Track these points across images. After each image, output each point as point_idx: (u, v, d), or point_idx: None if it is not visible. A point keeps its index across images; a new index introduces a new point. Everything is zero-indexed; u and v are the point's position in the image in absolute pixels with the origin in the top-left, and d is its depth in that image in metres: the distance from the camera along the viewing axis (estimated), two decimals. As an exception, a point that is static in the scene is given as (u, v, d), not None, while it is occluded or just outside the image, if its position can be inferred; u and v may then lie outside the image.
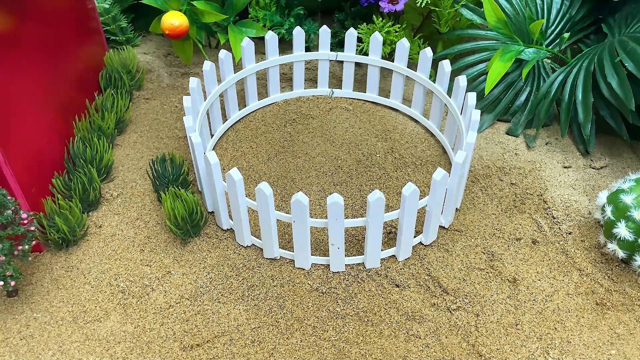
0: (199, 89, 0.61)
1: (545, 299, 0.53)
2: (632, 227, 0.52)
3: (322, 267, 0.56)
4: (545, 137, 0.71)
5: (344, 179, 0.65)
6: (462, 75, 0.63)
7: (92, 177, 0.60)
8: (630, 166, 0.68)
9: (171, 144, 0.70)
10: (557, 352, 0.49)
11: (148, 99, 0.77)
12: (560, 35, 0.75)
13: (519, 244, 0.58)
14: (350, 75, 0.75)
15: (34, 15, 0.58)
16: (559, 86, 0.70)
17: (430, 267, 0.56)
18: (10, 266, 0.49)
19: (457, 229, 0.59)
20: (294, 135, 0.70)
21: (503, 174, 0.66)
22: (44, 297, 0.53)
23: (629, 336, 0.50)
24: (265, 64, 0.71)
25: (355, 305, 0.53)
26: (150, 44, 0.87)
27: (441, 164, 0.67)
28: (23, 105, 0.55)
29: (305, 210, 0.49)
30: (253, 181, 0.65)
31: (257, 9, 0.80)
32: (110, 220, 0.60)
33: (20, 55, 0.55)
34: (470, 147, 0.56)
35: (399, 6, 0.74)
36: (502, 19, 0.69)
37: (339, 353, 0.49)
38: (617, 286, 0.54)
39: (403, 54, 0.69)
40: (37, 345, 0.49)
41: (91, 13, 0.73)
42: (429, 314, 0.52)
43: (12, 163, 0.52)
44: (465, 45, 0.76)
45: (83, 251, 0.57)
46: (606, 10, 0.75)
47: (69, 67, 0.66)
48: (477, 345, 0.49)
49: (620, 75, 0.63)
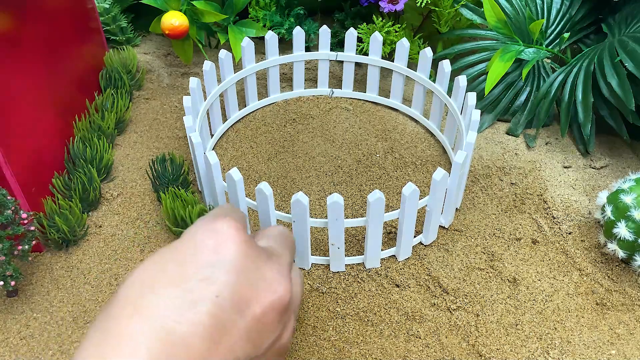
0: (199, 89, 0.61)
1: (545, 299, 0.53)
2: (632, 227, 0.52)
3: (322, 267, 0.56)
4: (545, 137, 0.71)
5: (344, 179, 0.65)
6: (462, 75, 0.63)
7: (92, 177, 0.60)
8: (630, 166, 0.68)
9: (171, 144, 0.70)
10: (557, 352, 0.49)
11: (148, 99, 0.77)
12: (560, 35, 0.75)
13: (519, 244, 0.58)
14: (350, 75, 0.75)
15: (34, 15, 0.58)
16: (559, 86, 0.70)
17: (430, 267, 0.56)
18: (10, 266, 0.49)
19: (457, 229, 0.59)
20: (294, 135, 0.70)
21: (503, 174, 0.66)
22: (44, 297, 0.53)
23: (629, 336, 0.50)
24: (265, 64, 0.71)
25: (355, 305, 0.53)
26: (150, 44, 0.87)
27: (441, 164, 0.67)
28: (23, 105, 0.55)
29: (305, 210, 0.49)
30: (253, 181, 0.65)
31: (257, 9, 0.80)
32: (110, 220, 0.60)
33: (20, 55, 0.55)
34: (470, 147, 0.56)
35: (399, 6, 0.74)
36: (502, 19, 0.70)
37: (338, 353, 0.49)
38: (617, 286, 0.54)
39: (403, 54, 0.69)
40: (37, 345, 0.49)
41: (91, 13, 0.73)
42: (429, 314, 0.52)
43: (12, 163, 0.52)
44: (465, 45, 0.76)
45: (83, 251, 0.57)
46: (606, 10, 0.75)
47: (69, 67, 0.66)
48: (477, 345, 0.49)
49: (620, 75, 0.63)
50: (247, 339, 0.33)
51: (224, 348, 0.32)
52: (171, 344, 0.30)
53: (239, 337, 0.32)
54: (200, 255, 0.34)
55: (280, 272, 0.36)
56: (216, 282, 0.33)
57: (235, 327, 0.32)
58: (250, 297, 0.34)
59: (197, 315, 0.31)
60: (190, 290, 0.32)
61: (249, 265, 0.34)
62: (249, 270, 0.34)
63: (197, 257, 0.34)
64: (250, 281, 0.34)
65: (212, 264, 0.33)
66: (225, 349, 0.32)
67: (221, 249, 0.34)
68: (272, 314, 0.35)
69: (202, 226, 0.35)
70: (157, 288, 0.32)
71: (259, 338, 0.34)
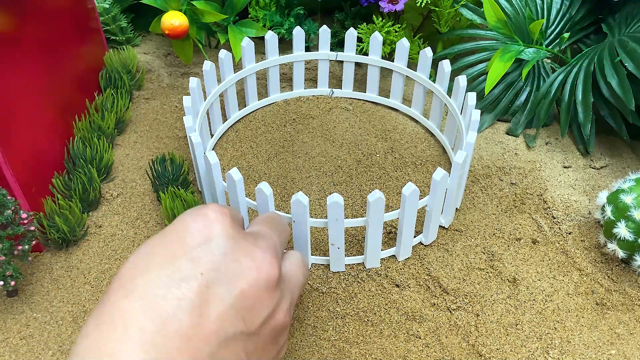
0: (199, 89, 0.61)
1: (545, 299, 0.53)
2: (632, 227, 0.52)
3: (322, 267, 0.56)
4: (545, 137, 0.71)
5: (344, 179, 0.65)
6: (462, 75, 0.63)
7: (92, 177, 0.60)
8: (630, 166, 0.68)
9: (171, 144, 0.70)
10: (557, 352, 0.49)
11: (148, 99, 0.77)
12: (560, 35, 0.75)
13: (519, 244, 0.58)
14: (350, 75, 0.75)
15: (34, 15, 0.58)
16: (559, 86, 0.70)
17: (430, 267, 0.56)
18: (10, 266, 0.49)
19: (457, 229, 0.59)
20: (294, 135, 0.70)
21: (503, 174, 0.66)
22: (44, 297, 0.53)
23: (629, 336, 0.50)
24: (265, 64, 0.71)
25: (355, 305, 0.53)
26: (150, 44, 0.87)
27: (441, 164, 0.67)
28: (23, 105, 0.55)
29: (305, 210, 0.49)
30: (253, 181, 0.65)
31: (257, 8, 0.80)
32: (110, 220, 0.60)
33: (20, 55, 0.55)
34: (470, 147, 0.56)
35: (399, 6, 0.74)
36: (502, 19, 0.70)
37: (338, 353, 0.49)
38: (617, 286, 0.54)
39: (403, 54, 0.69)
40: (37, 345, 0.49)
41: (91, 13, 0.73)
42: (429, 314, 0.52)
43: (12, 163, 0.52)
44: (465, 45, 0.76)
45: (83, 251, 0.57)
46: (606, 10, 0.75)
47: (69, 67, 0.66)
48: (477, 345, 0.49)
49: (620, 75, 0.63)
50: (235, 314, 0.34)
51: (212, 323, 0.33)
52: (161, 321, 0.31)
53: (226, 312, 0.34)
54: (188, 238, 0.35)
55: (266, 250, 0.38)
56: (202, 262, 0.34)
57: (221, 302, 0.34)
58: (237, 275, 0.35)
59: (182, 291, 0.33)
60: (178, 269, 0.34)
61: (234, 246, 0.36)
62: (234, 250, 0.36)
63: (186, 240, 0.35)
64: (236, 260, 0.36)
65: (199, 245, 0.35)
66: (213, 323, 0.33)
67: (208, 231, 0.36)
68: (259, 290, 0.36)
69: (191, 212, 0.37)
70: (148, 270, 0.34)
71: (248, 314, 0.35)
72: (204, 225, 0.36)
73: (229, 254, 0.36)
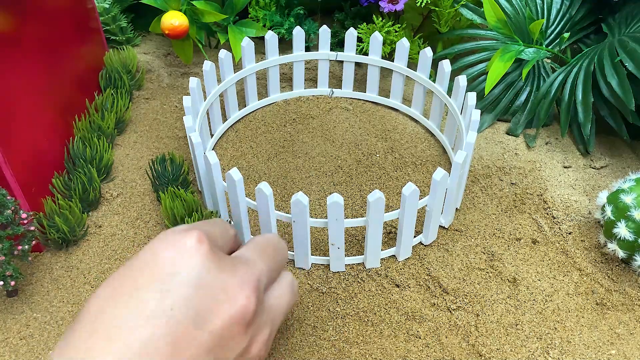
0: (198, 89, 0.61)
1: (545, 299, 0.53)
2: (632, 227, 0.52)
3: (322, 267, 0.56)
4: (545, 137, 0.71)
5: (344, 179, 0.65)
6: (462, 75, 0.63)
7: (92, 177, 0.60)
8: (630, 166, 0.68)
9: (171, 144, 0.70)
10: (557, 352, 0.49)
11: (148, 99, 0.77)
12: (560, 35, 0.75)
13: (519, 244, 0.58)
14: (350, 75, 0.75)
15: (34, 14, 0.58)
16: (559, 86, 0.70)
17: (430, 267, 0.56)
18: (10, 266, 0.49)
19: (457, 229, 0.59)
20: (294, 135, 0.70)
21: (503, 174, 0.66)
22: (44, 297, 0.53)
23: (629, 336, 0.50)
24: (265, 64, 0.71)
25: (355, 305, 0.53)
26: (150, 44, 0.87)
27: (441, 164, 0.67)
28: (23, 105, 0.55)
29: (305, 210, 0.49)
30: (253, 181, 0.65)
31: (257, 8, 0.80)
32: (110, 220, 0.60)
33: (20, 55, 0.55)
34: (470, 147, 0.56)
35: (399, 6, 0.74)
36: (502, 19, 0.70)
37: (338, 353, 0.49)
38: (617, 286, 0.54)
39: (403, 54, 0.69)
40: (37, 345, 0.49)
41: (91, 13, 0.73)
42: (429, 314, 0.52)
43: (12, 163, 0.52)
44: (465, 45, 0.76)
45: (83, 251, 0.57)
46: (606, 10, 0.75)
47: (68, 67, 0.66)
48: (477, 345, 0.49)
49: (620, 75, 0.63)
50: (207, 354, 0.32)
51: None
52: None
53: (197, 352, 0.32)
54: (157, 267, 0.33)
55: (245, 282, 0.35)
56: (172, 296, 0.32)
57: (194, 341, 0.32)
58: (210, 311, 0.33)
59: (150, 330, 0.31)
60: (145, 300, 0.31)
61: (208, 278, 0.33)
62: (208, 283, 0.33)
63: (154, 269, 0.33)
64: (210, 294, 0.33)
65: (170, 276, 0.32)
66: None
67: (179, 261, 0.33)
68: (234, 326, 0.33)
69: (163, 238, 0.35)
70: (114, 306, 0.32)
71: (222, 352, 0.33)
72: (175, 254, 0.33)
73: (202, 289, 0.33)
